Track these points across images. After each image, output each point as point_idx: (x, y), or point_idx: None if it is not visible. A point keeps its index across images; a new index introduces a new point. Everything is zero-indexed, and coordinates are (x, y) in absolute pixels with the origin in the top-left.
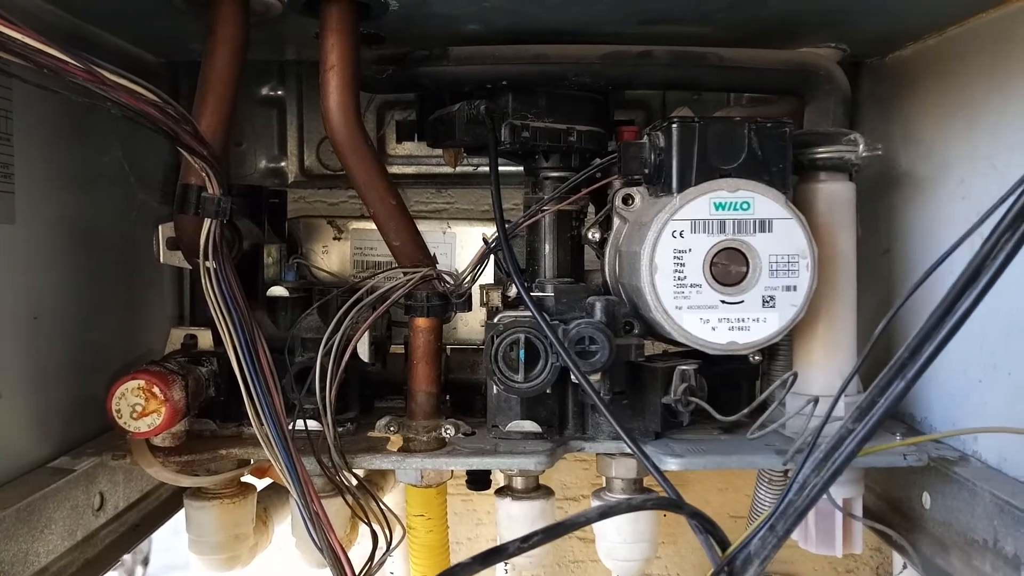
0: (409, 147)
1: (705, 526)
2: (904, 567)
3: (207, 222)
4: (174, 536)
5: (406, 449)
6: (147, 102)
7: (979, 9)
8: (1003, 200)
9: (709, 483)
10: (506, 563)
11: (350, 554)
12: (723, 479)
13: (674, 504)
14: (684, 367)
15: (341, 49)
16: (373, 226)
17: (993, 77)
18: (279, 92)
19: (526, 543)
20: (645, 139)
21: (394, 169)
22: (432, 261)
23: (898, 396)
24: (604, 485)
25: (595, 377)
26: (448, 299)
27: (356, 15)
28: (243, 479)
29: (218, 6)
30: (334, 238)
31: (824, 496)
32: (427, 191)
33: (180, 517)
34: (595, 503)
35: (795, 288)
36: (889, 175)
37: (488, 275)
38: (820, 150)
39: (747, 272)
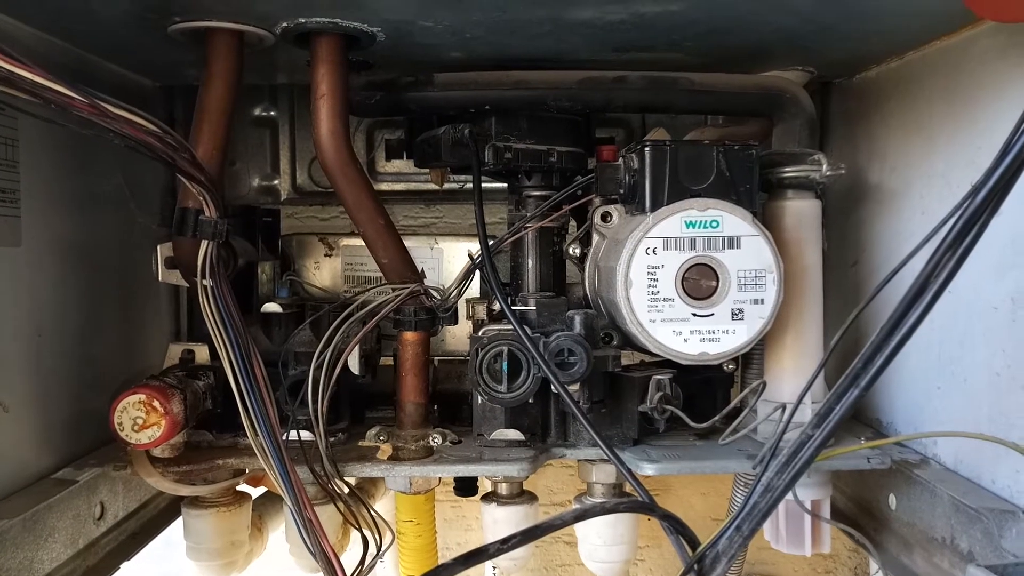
0: (398, 165)
1: (676, 527)
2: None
3: (204, 243)
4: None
5: (395, 457)
6: (148, 132)
7: (932, 36)
8: (944, 222)
9: (692, 488)
10: (494, 567)
11: (342, 559)
12: (706, 485)
13: (646, 507)
14: (659, 376)
15: (331, 79)
16: (363, 243)
17: (948, 100)
18: (271, 113)
19: (505, 544)
20: (620, 161)
21: (383, 186)
22: (420, 277)
23: (853, 403)
24: (586, 490)
25: (574, 387)
26: (435, 313)
27: (345, 46)
28: (238, 488)
29: (214, 40)
30: (325, 254)
31: (792, 498)
32: (415, 207)
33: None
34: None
35: (762, 301)
36: (857, 190)
37: (474, 289)
38: (786, 170)
39: (717, 286)
